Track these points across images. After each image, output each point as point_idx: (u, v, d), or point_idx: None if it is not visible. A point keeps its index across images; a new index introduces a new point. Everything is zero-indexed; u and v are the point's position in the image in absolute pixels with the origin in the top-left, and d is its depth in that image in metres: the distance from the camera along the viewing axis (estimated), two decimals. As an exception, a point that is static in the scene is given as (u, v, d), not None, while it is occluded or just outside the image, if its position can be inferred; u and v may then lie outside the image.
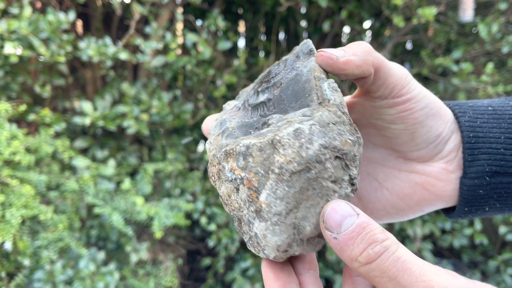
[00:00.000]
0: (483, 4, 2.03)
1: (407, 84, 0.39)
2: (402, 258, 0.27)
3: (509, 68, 1.94)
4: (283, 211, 0.32)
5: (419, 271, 0.26)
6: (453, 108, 0.41)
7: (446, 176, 0.41)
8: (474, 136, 0.39)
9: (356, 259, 0.28)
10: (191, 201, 1.79)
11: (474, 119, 0.40)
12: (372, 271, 0.28)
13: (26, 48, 1.47)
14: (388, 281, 0.27)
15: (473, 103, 0.42)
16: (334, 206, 0.30)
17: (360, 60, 0.36)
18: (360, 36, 2.16)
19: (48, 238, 1.40)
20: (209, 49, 1.73)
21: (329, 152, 0.32)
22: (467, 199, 0.40)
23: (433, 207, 0.42)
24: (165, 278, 1.67)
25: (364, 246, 0.28)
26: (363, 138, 0.43)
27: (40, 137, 1.49)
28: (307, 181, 0.31)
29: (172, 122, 1.79)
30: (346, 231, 0.29)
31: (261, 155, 0.32)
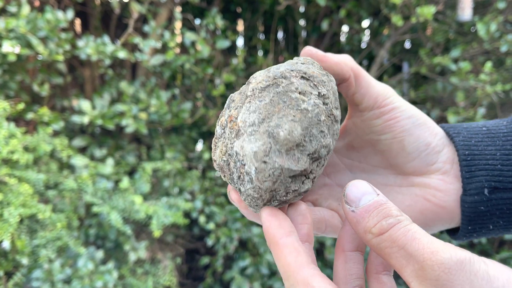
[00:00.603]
0: (481, 3, 2.03)
1: (389, 96, 0.41)
2: (413, 230, 0.28)
3: (507, 67, 1.94)
4: (255, 120, 0.33)
5: (427, 241, 0.27)
6: (447, 130, 0.42)
7: (445, 186, 0.41)
8: (469, 153, 0.40)
9: (370, 231, 0.29)
10: (190, 200, 1.79)
11: (469, 139, 0.41)
12: (383, 241, 0.29)
13: (24, 46, 1.47)
14: (397, 251, 0.28)
15: (467, 125, 0.43)
16: (355, 183, 0.32)
17: (338, 59, 0.40)
18: (358, 35, 2.17)
19: (47, 237, 1.40)
20: (208, 48, 1.72)
21: (295, 72, 0.35)
22: (469, 217, 0.40)
23: (439, 221, 0.42)
24: (164, 277, 1.67)
25: (378, 219, 0.29)
26: (361, 160, 0.45)
27: (39, 136, 1.48)
28: (276, 94, 0.34)
29: (171, 121, 1.79)
30: (364, 205, 0.30)
31: (239, 95, 0.37)
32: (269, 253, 1.80)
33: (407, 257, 0.27)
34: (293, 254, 0.31)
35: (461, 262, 0.26)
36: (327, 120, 0.34)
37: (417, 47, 2.16)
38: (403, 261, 0.28)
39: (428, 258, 0.26)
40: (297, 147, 0.33)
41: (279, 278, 1.80)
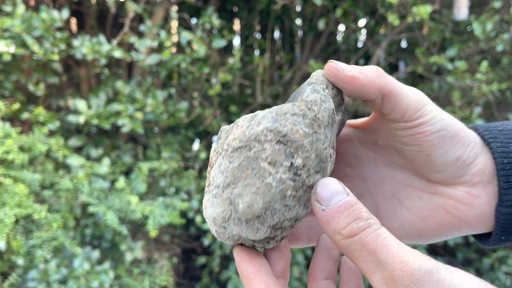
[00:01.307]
0: (477, 2, 2.04)
1: (420, 108, 0.37)
2: (383, 236, 0.28)
3: (503, 66, 1.95)
4: (221, 184, 0.33)
5: (397, 248, 0.28)
6: (482, 134, 0.40)
7: (470, 200, 0.39)
8: (508, 162, 0.38)
9: (340, 232, 0.29)
10: (186, 199, 1.79)
11: (506, 144, 0.38)
12: (353, 244, 0.29)
13: (19, 46, 1.46)
14: (367, 255, 0.28)
15: (502, 126, 0.40)
16: (326, 182, 0.31)
17: (366, 80, 0.36)
18: (355, 34, 2.17)
19: (42, 237, 1.39)
20: (204, 47, 1.72)
21: (272, 135, 0.32)
22: (503, 228, 0.38)
23: (456, 232, 0.41)
24: (160, 277, 1.67)
25: (349, 221, 0.29)
26: (385, 156, 0.43)
27: (34, 136, 1.48)
28: (246, 159, 0.32)
29: (167, 120, 1.79)
30: (334, 205, 0.30)
31: (226, 134, 0.35)
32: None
33: (377, 263, 0.28)
34: (263, 286, 0.32)
35: (429, 272, 0.26)
36: (296, 193, 0.33)
37: (414, 46, 2.16)
38: (373, 267, 0.28)
39: (398, 268, 0.27)
40: (257, 219, 0.33)
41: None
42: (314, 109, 0.33)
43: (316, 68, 1.86)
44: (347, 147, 0.45)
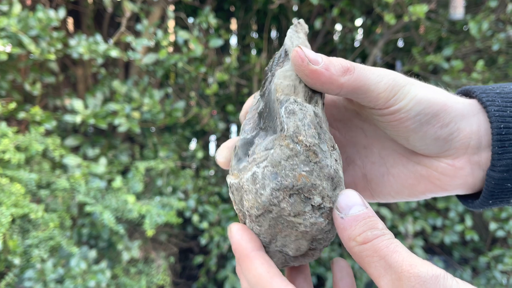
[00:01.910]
0: (473, 1, 2.05)
1: (393, 95, 0.37)
2: (395, 244, 0.29)
3: (499, 66, 1.95)
4: (264, 243, 0.35)
5: (407, 255, 0.29)
6: (480, 96, 0.39)
7: (453, 172, 0.40)
8: (505, 127, 0.37)
9: (355, 238, 0.31)
10: (183, 199, 1.79)
11: (504, 108, 0.38)
12: (366, 250, 0.30)
13: (15, 45, 1.46)
14: (377, 260, 0.29)
15: (500, 89, 0.39)
16: (348, 193, 0.33)
17: (328, 78, 0.36)
18: (351, 33, 2.17)
19: (39, 236, 1.39)
20: (201, 46, 1.72)
21: (282, 193, 0.33)
22: (493, 192, 0.39)
23: (438, 195, 0.43)
24: (157, 277, 1.67)
25: (364, 229, 0.31)
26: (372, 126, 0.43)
27: (31, 135, 1.48)
28: (273, 219, 0.34)
29: (164, 120, 1.79)
30: (353, 214, 0.32)
31: (238, 194, 0.36)
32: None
33: (386, 267, 0.29)
34: (265, 265, 0.33)
35: (436, 277, 0.27)
36: (328, 219, 0.34)
37: (410, 45, 2.17)
38: (382, 271, 0.29)
39: (406, 270, 0.28)
40: (310, 251, 0.37)
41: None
42: (302, 140, 0.33)
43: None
44: (334, 113, 0.45)
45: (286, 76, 0.37)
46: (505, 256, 1.90)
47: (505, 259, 1.89)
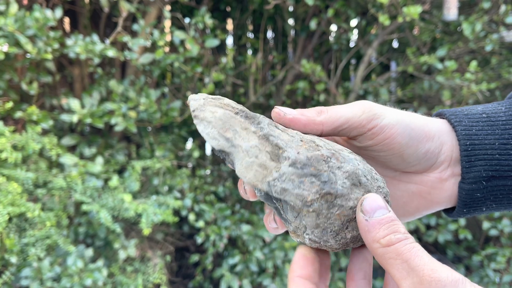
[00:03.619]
0: (467, 2, 2.06)
1: (371, 119, 0.40)
2: (417, 248, 0.31)
3: (492, 66, 1.97)
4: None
5: (429, 260, 0.30)
6: (449, 118, 0.43)
7: (440, 184, 0.43)
8: (470, 143, 0.41)
9: (378, 241, 0.32)
10: (179, 198, 1.80)
11: (470, 127, 0.42)
12: (389, 253, 0.31)
13: (12, 45, 1.47)
14: (400, 263, 0.31)
15: (467, 110, 0.44)
16: (373, 197, 0.35)
17: (307, 120, 0.40)
18: (346, 34, 2.19)
19: (36, 235, 1.40)
20: (197, 46, 1.73)
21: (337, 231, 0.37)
22: (465, 202, 0.43)
23: (431, 211, 0.46)
24: (154, 275, 1.68)
25: (388, 232, 0.32)
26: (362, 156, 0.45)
27: (27, 135, 1.48)
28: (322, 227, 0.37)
29: (160, 119, 1.80)
30: (377, 217, 0.33)
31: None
32: (259, 251, 1.81)
33: (409, 270, 0.30)
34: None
35: (455, 281, 0.29)
36: None
37: (405, 46, 2.19)
38: (404, 273, 0.30)
39: (427, 274, 0.29)
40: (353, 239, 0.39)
41: (268, 275, 1.81)
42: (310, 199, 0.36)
43: (308, 67, 1.88)
44: None
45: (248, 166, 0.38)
46: (498, 254, 1.92)
47: (498, 258, 1.91)
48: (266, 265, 1.82)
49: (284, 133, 0.38)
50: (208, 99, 0.40)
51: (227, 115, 0.38)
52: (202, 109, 0.39)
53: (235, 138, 0.38)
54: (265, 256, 1.83)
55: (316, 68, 1.90)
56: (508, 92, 2.05)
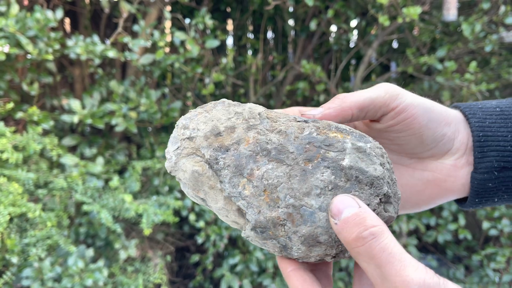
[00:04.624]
0: (466, 3, 2.07)
1: (395, 99, 0.41)
2: (388, 251, 0.30)
3: (492, 67, 1.98)
4: None
5: (400, 266, 0.29)
6: (463, 110, 0.45)
7: (455, 172, 0.44)
8: (483, 135, 0.42)
9: (349, 242, 0.32)
10: (180, 198, 1.80)
11: (483, 120, 0.43)
12: (361, 255, 0.31)
13: (13, 45, 1.47)
14: (374, 268, 0.30)
15: (482, 104, 0.45)
16: (339, 198, 0.34)
17: (336, 110, 0.40)
18: (346, 34, 2.19)
19: (37, 235, 1.40)
20: (197, 47, 1.74)
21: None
22: (477, 192, 0.43)
23: (444, 199, 0.46)
24: (154, 275, 1.68)
25: (354, 230, 0.31)
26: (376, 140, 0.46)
27: (28, 135, 1.49)
28: None
29: (160, 120, 1.80)
30: (344, 217, 0.33)
31: None
32: (259, 251, 1.81)
33: (382, 278, 0.30)
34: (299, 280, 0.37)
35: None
36: None
37: (404, 46, 2.19)
38: (378, 280, 0.30)
39: (400, 287, 0.29)
40: None
41: (268, 275, 1.82)
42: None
43: (308, 68, 1.88)
44: None
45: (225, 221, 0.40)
46: (497, 254, 1.93)
47: (498, 258, 1.91)
48: (266, 265, 1.82)
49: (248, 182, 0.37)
50: (180, 148, 0.39)
51: (195, 175, 0.38)
52: (175, 169, 0.40)
53: (207, 199, 0.39)
54: (265, 256, 1.83)
55: (316, 68, 1.90)
56: (508, 92, 2.04)
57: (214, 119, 0.39)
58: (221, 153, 0.37)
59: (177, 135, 0.40)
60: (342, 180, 0.35)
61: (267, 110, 0.40)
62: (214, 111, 0.40)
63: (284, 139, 0.37)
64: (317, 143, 0.36)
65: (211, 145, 0.38)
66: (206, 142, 0.38)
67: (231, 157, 0.37)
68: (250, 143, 0.37)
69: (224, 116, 0.39)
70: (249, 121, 0.38)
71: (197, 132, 0.39)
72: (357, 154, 0.36)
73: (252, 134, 0.38)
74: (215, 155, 0.37)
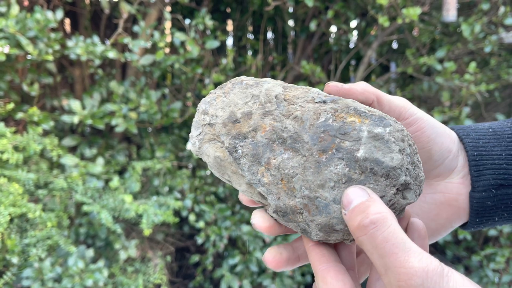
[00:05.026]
0: (466, 4, 2.07)
1: (409, 108, 0.42)
2: (391, 241, 0.30)
3: (491, 67, 1.98)
4: None
5: (404, 257, 0.29)
6: (457, 132, 0.45)
7: (464, 190, 0.45)
8: (478, 154, 0.43)
9: (353, 231, 0.32)
10: (180, 198, 1.80)
11: (477, 140, 0.44)
12: (365, 244, 0.31)
13: (13, 46, 1.47)
14: (378, 258, 0.30)
15: (475, 126, 0.46)
16: (350, 189, 0.34)
17: (361, 89, 0.41)
18: (346, 35, 2.19)
19: (37, 236, 1.40)
20: (197, 48, 1.74)
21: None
22: (477, 211, 0.44)
23: (461, 220, 0.46)
24: (154, 276, 1.69)
25: (357, 219, 0.32)
26: None
27: (28, 136, 1.49)
28: None
29: (161, 120, 1.80)
30: (351, 207, 0.33)
31: None
32: (258, 251, 1.82)
33: (386, 268, 0.30)
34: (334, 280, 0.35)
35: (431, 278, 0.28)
36: None
37: (404, 47, 2.19)
38: (382, 270, 0.30)
39: (403, 279, 0.28)
40: None
41: (268, 275, 1.82)
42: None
43: (308, 68, 1.89)
44: None
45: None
46: (497, 255, 1.93)
47: (497, 258, 1.91)
48: (266, 266, 1.82)
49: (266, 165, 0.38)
50: (202, 134, 0.40)
51: (218, 160, 0.39)
52: (200, 153, 0.41)
53: (232, 181, 0.40)
54: (265, 256, 1.83)
55: (316, 69, 1.91)
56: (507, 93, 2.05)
57: (232, 104, 0.39)
58: (239, 141, 0.38)
59: (198, 120, 0.41)
60: (357, 173, 0.35)
61: (285, 89, 0.39)
62: (231, 94, 0.40)
63: (299, 127, 0.37)
64: (332, 132, 0.36)
65: (229, 132, 0.39)
66: (224, 130, 0.39)
67: (249, 146, 0.38)
68: (267, 131, 0.38)
69: (241, 101, 0.39)
70: (265, 106, 0.38)
71: (216, 119, 0.40)
72: (374, 143, 0.35)
73: (269, 121, 0.38)
74: (233, 143, 0.38)
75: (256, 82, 0.40)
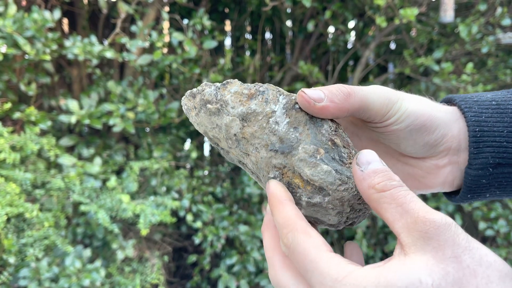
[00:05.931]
0: (463, 5, 2.08)
1: (388, 111, 0.41)
2: (411, 195, 0.32)
3: (488, 68, 1.98)
4: None
5: (423, 204, 0.31)
6: (459, 104, 0.45)
7: (436, 170, 0.45)
8: (479, 130, 0.42)
9: (374, 186, 0.33)
10: (177, 198, 1.81)
11: (479, 114, 0.43)
12: (384, 197, 0.32)
13: (11, 46, 1.47)
14: (395, 207, 0.31)
15: (477, 97, 0.45)
16: (367, 151, 0.35)
17: (336, 108, 0.39)
18: (344, 35, 2.20)
19: (34, 235, 1.40)
20: (195, 48, 1.74)
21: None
22: (470, 187, 0.44)
23: (420, 192, 0.47)
24: (151, 275, 1.69)
25: (383, 179, 0.33)
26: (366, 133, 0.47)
27: (26, 135, 1.49)
28: None
29: (158, 120, 1.80)
30: (372, 168, 0.34)
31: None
32: (256, 251, 1.82)
33: (402, 213, 0.31)
34: (294, 210, 0.36)
35: (449, 224, 0.30)
36: None
37: (402, 48, 2.20)
38: (397, 216, 0.31)
39: (422, 215, 0.30)
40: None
41: (265, 275, 1.82)
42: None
43: (306, 68, 1.89)
44: None
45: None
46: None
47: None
48: (264, 266, 1.82)
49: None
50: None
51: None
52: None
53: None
54: (262, 256, 1.83)
55: (314, 69, 1.91)
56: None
57: (203, 124, 0.41)
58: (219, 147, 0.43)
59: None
60: None
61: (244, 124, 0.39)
62: (201, 115, 0.41)
63: (256, 169, 0.40)
64: None
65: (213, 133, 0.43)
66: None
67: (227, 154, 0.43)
68: (235, 155, 0.41)
69: (209, 125, 0.40)
70: (227, 142, 0.40)
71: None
72: (313, 208, 0.38)
73: (234, 151, 0.40)
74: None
75: (217, 108, 0.39)
